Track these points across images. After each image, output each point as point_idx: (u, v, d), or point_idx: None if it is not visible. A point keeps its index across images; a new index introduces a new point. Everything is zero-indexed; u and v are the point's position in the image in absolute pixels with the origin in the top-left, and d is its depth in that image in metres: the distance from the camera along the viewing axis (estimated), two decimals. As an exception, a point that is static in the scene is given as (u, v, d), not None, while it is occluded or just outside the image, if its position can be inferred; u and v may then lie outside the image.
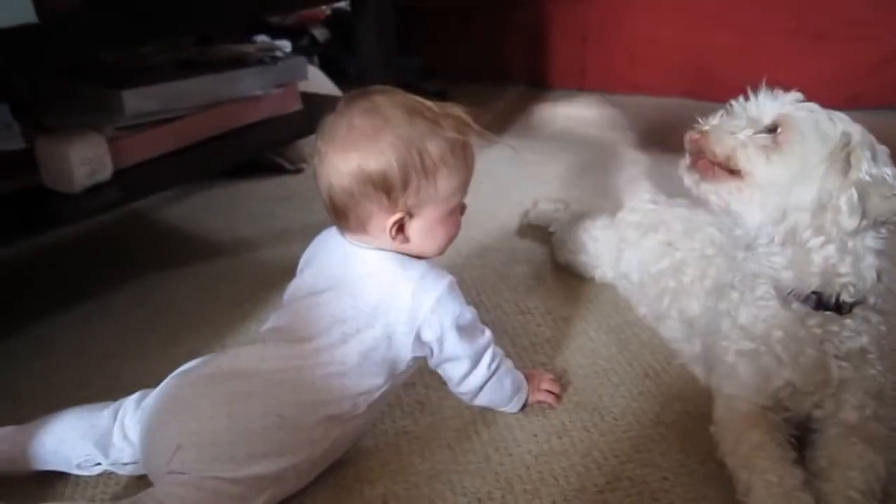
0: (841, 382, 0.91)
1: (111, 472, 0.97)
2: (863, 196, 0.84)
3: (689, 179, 0.97)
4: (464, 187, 0.94)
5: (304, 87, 1.94)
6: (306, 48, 2.57)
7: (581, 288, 1.40)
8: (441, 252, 0.98)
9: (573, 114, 1.70)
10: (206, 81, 1.59)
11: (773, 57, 2.22)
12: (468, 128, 0.91)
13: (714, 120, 0.95)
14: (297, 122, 1.72)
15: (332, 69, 2.40)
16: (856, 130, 0.88)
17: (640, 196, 1.38)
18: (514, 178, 1.91)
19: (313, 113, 1.75)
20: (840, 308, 0.90)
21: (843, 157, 0.86)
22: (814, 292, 0.90)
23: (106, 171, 1.41)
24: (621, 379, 1.15)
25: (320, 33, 2.65)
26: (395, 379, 0.98)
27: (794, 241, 0.89)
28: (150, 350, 1.29)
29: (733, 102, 0.97)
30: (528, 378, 1.10)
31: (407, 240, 0.94)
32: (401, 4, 2.75)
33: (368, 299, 0.94)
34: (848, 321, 0.91)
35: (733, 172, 0.91)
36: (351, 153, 0.88)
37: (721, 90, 2.30)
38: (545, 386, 1.11)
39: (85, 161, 1.37)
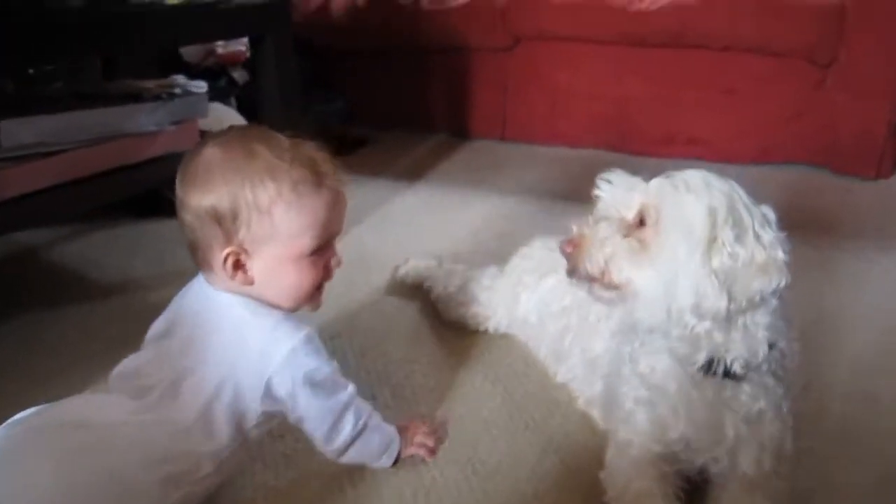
0: (737, 440, 0.89)
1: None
2: (730, 280, 0.81)
3: (577, 286, 0.93)
4: (316, 230, 0.88)
5: (211, 125, 1.89)
6: (224, 89, 2.52)
7: (472, 339, 1.35)
8: (297, 303, 0.92)
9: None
10: (97, 115, 1.52)
11: (688, 109, 2.25)
12: (318, 167, 0.88)
13: (584, 227, 0.91)
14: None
15: (250, 111, 2.36)
16: (721, 202, 0.83)
17: (531, 243, 1.35)
18: (425, 226, 1.88)
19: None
20: (733, 375, 0.87)
21: (708, 243, 0.82)
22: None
23: (-27, 204, 1.32)
24: (501, 430, 1.10)
25: (239, 75, 2.61)
26: (246, 435, 0.90)
27: (682, 326, 0.86)
28: (18, 391, 1.20)
29: (599, 191, 0.92)
30: (402, 430, 1.05)
31: (250, 281, 0.88)
32: (322, 46, 2.76)
33: (214, 347, 0.88)
34: (744, 386, 0.88)
35: (611, 285, 0.88)
36: (192, 188, 0.86)
37: (639, 141, 2.37)
38: (419, 438, 1.05)
39: (-55, 194, 1.28)
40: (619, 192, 0.91)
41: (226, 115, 2.25)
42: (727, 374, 0.87)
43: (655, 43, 2.21)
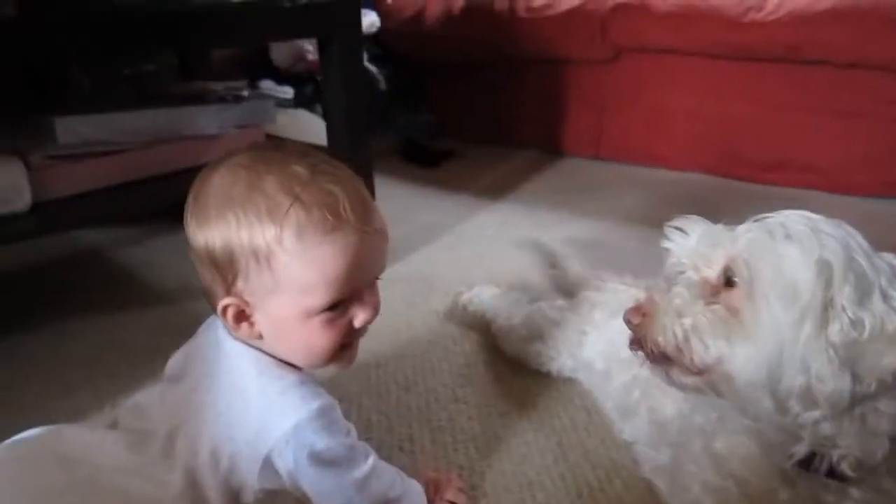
0: None
1: None
2: (853, 356, 0.64)
3: (648, 371, 0.77)
4: (329, 285, 0.71)
5: (290, 132, 1.82)
6: (311, 96, 2.46)
7: (530, 381, 1.19)
8: (314, 364, 0.77)
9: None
10: (156, 115, 1.47)
11: (801, 133, 2.01)
12: (337, 207, 0.70)
13: (655, 291, 0.74)
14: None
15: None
16: (835, 253, 0.66)
17: (604, 275, 1.18)
18: (500, 249, 1.73)
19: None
20: (839, 475, 0.69)
21: (822, 307, 0.65)
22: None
23: (22, 200, 1.28)
24: (548, 496, 0.94)
25: (326, 82, 2.56)
26: None
27: (783, 414, 0.69)
28: (48, 396, 1.17)
29: (670, 244, 0.76)
30: (431, 484, 0.91)
31: (257, 335, 0.75)
32: (414, 56, 2.67)
33: (216, 405, 0.75)
34: (852, 490, 0.70)
35: (694, 367, 0.71)
36: (190, 219, 0.74)
37: (744, 166, 2.15)
38: (449, 496, 0.91)
39: (-5, 187, 1.25)
40: (697, 243, 0.74)
41: (307, 122, 2.19)
42: (831, 473, 0.68)
43: (768, 57, 1.98)
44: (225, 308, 0.73)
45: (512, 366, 1.23)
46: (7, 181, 1.27)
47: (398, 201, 2.08)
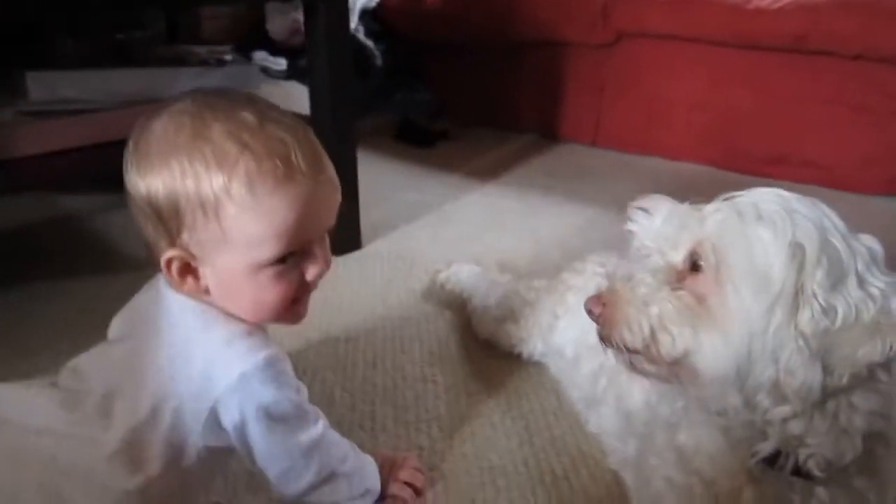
0: None
1: None
2: (825, 347, 0.59)
3: (614, 359, 0.71)
4: (280, 237, 0.68)
5: (280, 103, 1.77)
6: (304, 68, 2.41)
7: (502, 363, 1.15)
8: (263, 319, 0.73)
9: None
10: (134, 75, 1.42)
11: (805, 126, 1.95)
12: (289, 155, 0.67)
13: (616, 278, 0.68)
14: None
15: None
16: (809, 235, 0.60)
17: (587, 256, 1.13)
18: (485, 230, 1.69)
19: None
20: (805, 474, 0.64)
21: (793, 294, 0.60)
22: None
23: (-12, 157, 1.24)
24: (509, 481, 0.90)
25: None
26: (181, 473, 0.72)
27: (751, 410, 0.64)
28: (3, 357, 1.15)
29: (634, 225, 0.70)
30: (386, 463, 0.87)
31: (203, 290, 0.71)
32: (413, 35, 2.62)
33: (157, 361, 0.71)
34: (819, 489, 0.65)
35: (660, 359, 0.65)
36: (130, 168, 0.69)
37: (745, 159, 2.09)
38: (404, 476, 0.87)
39: (-40, 142, 1.21)
40: (662, 225, 0.68)
41: (299, 94, 2.14)
42: (797, 471, 0.64)
43: (773, 47, 1.92)
44: (169, 261, 0.69)
45: (485, 347, 1.18)
46: (-28, 135, 1.23)
47: (387, 178, 2.04)
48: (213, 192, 0.65)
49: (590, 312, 0.69)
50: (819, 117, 1.93)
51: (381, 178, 2.02)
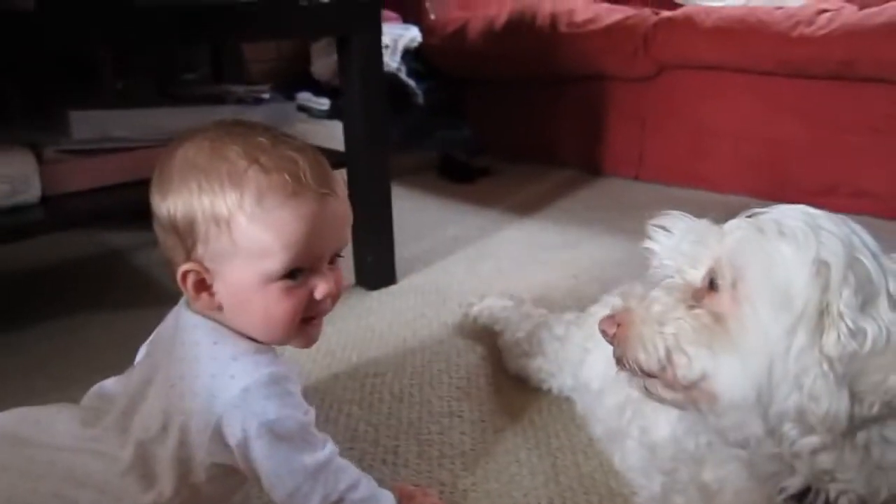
0: None
1: None
2: (852, 372, 0.55)
3: (629, 383, 0.68)
4: (287, 249, 0.70)
5: (321, 141, 1.79)
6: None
7: (531, 399, 1.11)
8: (273, 337, 0.74)
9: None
10: (173, 113, 1.45)
11: (855, 155, 1.89)
12: (298, 172, 0.70)
13: (631, 297, 0.66)
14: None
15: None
16: (836, 251, 0.56)
17: (617, 289, 1.10)
18: (522, 264, 1.66)
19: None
20: None
21: (817, 314, 0.56)
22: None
23: (31, 193, 1.28)
24: (532, 521, 0.86)
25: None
26: (194, 491, 0.73)
27: (777, 440, 0.60)
28: (48, 389, 1.15)
29: (653, 243, 0.68)
30: (405, 497, 0.85)
31: (217, 306, 0.73)
32: (454, 72, 2.64)
33: (168, 375, 0.73)
34: None
35: (677, 384, 0.62)
36: (154, 190, 0.74)
37: (793, 190, 2.02)
38: None
39: (5, 179, 1.24)
40: (680, 242, 0.66)
41: (338, 132, 2.17)
42: None
43: (820, 74, 1.87)
44: (185, 274, 0.72)
45: (514, 382, 1.15)
46: (18, 172, 1.26)
47: (426, 214, 2.04)
48: (227, 208, 0.69)
49: (604, 333, 0.67)
50: (869, 146, 1.87)
51: (420, 214, 2.02)
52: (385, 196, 1.53)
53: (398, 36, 2.55)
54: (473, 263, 1.67)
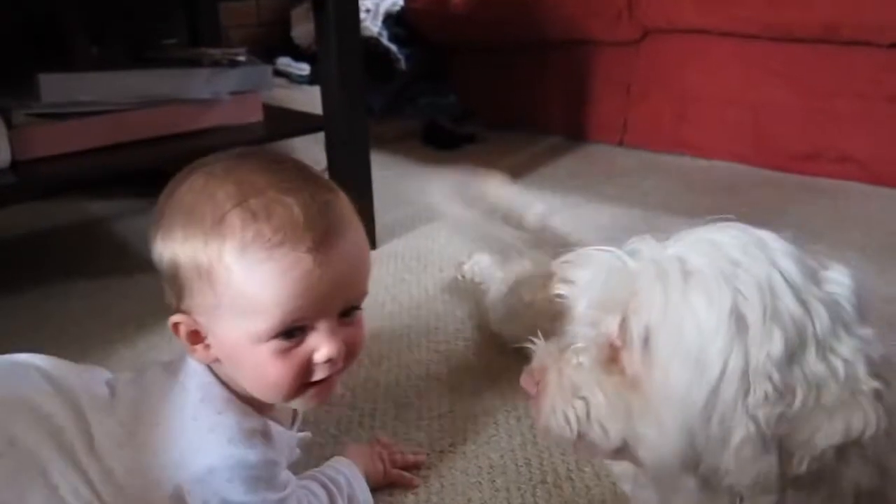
0: None
1: None
2: (781, 429, 0.50)
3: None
4: (275, 310, 0.62)
5: (301, 107, 1.77)
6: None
7: (513, 362, 1.08)
8: (274, 399, 0.69)
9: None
10: (146, 76, 1.42)
11: (840, 120, 1.87)
12: (294, 224, 0.62)
13: (546, 355, 0.61)
14: (254, 133, 1.52)
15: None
16: (754, 299, 0.51)
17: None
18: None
19: (275, 126, 1.56)
20: None
21: (740, 374, 0.50)
22: None
23: (1, 157, 1.25)
24: (508, 480, 0.86)
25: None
26: None
27: (712, 489, 0.57)
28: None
29: (564, 287, 0.60)
30: (383, 450, 0.87)
31: (215, 359, 0.68)
32: (438, 38, 2.60)
33: (159, 414, 0.68)
34: None
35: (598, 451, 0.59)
36: (152, 228, 0.67)
37: (778, 155, 2.01)
38: (400, 464, 0.87)
39: (-28, 142, 1.22)
40: (592, 287, 0.58)
41: (317, 98, 2.14)
42: None
43: (805, 38, 1.85)
44: (175, 325, 0.67)
45: (493, 346, 1.15)
46: (-16, 136, 1.23)
47: (409, 181, 2.01)
48: (208, 257, 0.62)
49: (526, 390, 0.62)
50: (854, 111, 1.85)
51: (403, 181, 2.00)
52: (364, 161, 1.51)
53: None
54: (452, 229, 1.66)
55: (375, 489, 0.83)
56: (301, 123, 1.60)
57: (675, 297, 0.52)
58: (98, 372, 0.76)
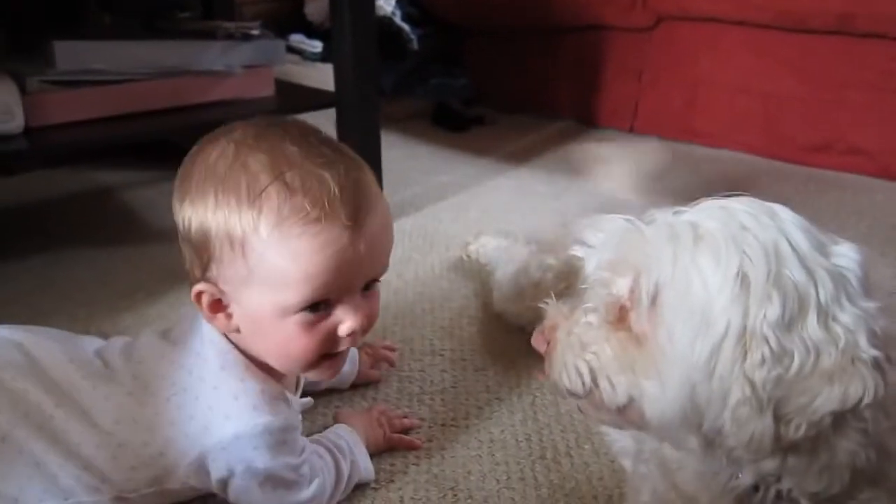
0: None
1: None
2: (777, 393, 0.51)
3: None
4: (307, 283, 0.63)
5: (314, 83, 1.77)
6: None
7: (517, 339, 1.10)
8: (289, 369, 0.71)
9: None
10: (160, 47, 1.42)
11: (852, 112, 1.87)
12: (328, 197, 0.63)
13: (558, 313, 0.62)
14: (266, 107, 1.53)
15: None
16: (760, 259, 0.52)
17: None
18: (511, 210, 1.66)
19: (286, 101, 1.56)
20: (792, 500, 0.59)
21: (739, 335, 0.51)
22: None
23: (14, 123, 1.26)
24: (507, 454, 0.87)
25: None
26: (164, 495, 0.71)
27: (714, 450, 0.57)
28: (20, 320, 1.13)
29: (581, 249, 0.66)
30: (382, 416, 0.88)
31: (234, 329, 0.69)
32: (451, 21, 2.59)
33: (173, 384, 0.70)
34: None
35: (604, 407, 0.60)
36: (175, 193, 0.68)
37: (788, 146, 2.01)
38: (398, 427, 0.88)
39: (-15, 106, 1.22)
40: (606, 250, 0.60)
41: (330, 75, 2.14)
42: (781, 497, 0.58)
43: (818, 29, 1.84)
44: (199, 294, 0.68)
45: (497, 323, 1.15)
46: (0, 101, 1.24)
47: (419, 161, 2.02)
48: (242, 228, 0.63)
49: (536, 346, 0.63)
50: (865, 103, 1.85)
51: (413, 161, 2.00)
52: (374, 138, 1.51)
53: (393, -21, 2.50)
54: (461, 209, 1.66)
55: (376, 454, 0.84)
56: (313, 99, 1.61)
57: (684, 258, 0.53)
58: (87, 340, 0.78)
